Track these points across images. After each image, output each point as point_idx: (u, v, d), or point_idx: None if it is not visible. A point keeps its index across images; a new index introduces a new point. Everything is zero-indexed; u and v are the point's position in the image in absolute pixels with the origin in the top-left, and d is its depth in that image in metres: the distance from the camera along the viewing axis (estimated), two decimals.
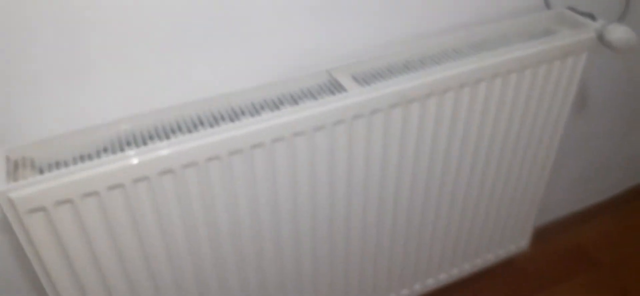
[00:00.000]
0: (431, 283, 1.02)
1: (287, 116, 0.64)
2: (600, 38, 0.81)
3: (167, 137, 0.62)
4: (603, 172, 1.27)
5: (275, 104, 0.68)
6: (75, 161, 0.59)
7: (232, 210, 0.69)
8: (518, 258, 1.21)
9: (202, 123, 0.65)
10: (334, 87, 0.70)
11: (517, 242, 1.09)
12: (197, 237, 0.69)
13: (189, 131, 0.62)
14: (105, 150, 0.62)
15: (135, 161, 0.57)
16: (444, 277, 1.03)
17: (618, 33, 0.79)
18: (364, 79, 0.72)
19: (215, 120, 0.65)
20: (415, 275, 0.99)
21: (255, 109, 0.67)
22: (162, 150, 0.59)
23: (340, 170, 0.74)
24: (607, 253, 1.23)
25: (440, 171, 0.83)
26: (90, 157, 0.61)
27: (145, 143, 0.61)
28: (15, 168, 0.57)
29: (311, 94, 0.70)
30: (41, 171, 0.57)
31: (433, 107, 0.74)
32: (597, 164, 1.24)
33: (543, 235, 1.26)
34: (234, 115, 0.66)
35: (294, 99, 0.69)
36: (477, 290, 1.13)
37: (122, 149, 0.61)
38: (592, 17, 0.83)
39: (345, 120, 0.68)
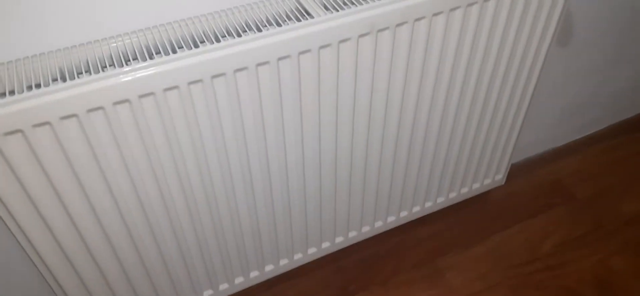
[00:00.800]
0: (405, 216, 1.03)
1: (249, 43, 0.61)
2: None
3: (121, 65, 0.58)
4: (584, 109, 1.26)
5: (238, 31, 0.64)
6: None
7: (195, 142, 0.67)
8: (494, 192, 1.21)
9: (159, 52, 0.62)
10: (300, 13, 0.67)
11: (492, 176, 1.09)
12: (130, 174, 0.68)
13: (144, 59, 0.59)
14: (55, 80, 0.59)
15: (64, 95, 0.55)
16: (417, 210, 1.03)
17: None
18: (335, 6, 0.68)
19: (174, 48, 0.62)
20: (388, 209, 0.99)
21: (217, 37, 0.64)
22: (102, 80, 0.56)
23: (307, 104, 0.71)
24: (583, 187, 1.24)
25: (414, 103, 0.81)
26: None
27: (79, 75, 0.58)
28: None
29: (276, 22, 0.66)
30: None
31: (405, 37, 0.71)
32: (579, 100, 1.22)
33: (521, 171, 1.26)
34: (194, 43, 0.62)
35: (258, 26, 0.65)
36: (451, 223, 1.14)
37: (64, 80, 0.58)
38: None
39: (312, 50, 0.65)
